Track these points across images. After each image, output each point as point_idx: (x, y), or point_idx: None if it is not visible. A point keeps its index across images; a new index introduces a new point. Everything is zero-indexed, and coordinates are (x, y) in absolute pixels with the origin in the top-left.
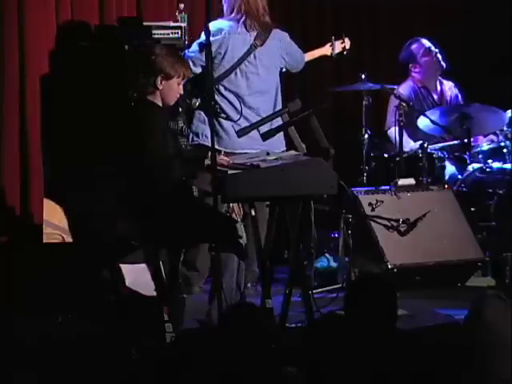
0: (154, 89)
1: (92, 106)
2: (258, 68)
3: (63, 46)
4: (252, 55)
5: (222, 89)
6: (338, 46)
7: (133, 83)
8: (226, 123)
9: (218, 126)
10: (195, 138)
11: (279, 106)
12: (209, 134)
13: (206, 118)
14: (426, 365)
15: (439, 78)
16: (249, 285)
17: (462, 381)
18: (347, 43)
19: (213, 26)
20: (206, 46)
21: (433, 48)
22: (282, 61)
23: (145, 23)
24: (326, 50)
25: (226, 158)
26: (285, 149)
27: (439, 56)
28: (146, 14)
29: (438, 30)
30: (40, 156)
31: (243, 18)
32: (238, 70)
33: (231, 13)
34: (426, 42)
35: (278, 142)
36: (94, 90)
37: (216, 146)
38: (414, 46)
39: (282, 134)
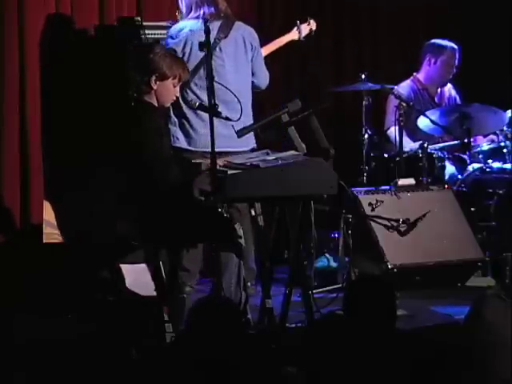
0: (148, 88)
1: (91, 105)
2: (223, 60)
3: (63, 46)
4: (217, 48)
5: (193, 86)
6: (305, 29)
7: (130, 82)
8: (195, 122)
9: (187, 125)
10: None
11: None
12: (179, 136)
13: (176, 119)
14: (426, 365)
15: None
16: (248, 284)
17: (462, 381)
18: (313, 25)
19: (173, 29)
20: (205, 46)
21: (456, 63)
22: (249, 48)
23: (145, 23)
24: (293, 35)
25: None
26: (255, 146)
27: (452, 73)
28: (145, 14)
29: (438, 30)
30: (40, 156)
31: (202, 13)
32: (206, 65)
33: (189, 12)
34: (456, 55)
35: (246, 140)
36: (94, 90)
37: (187, 147)
38: (449, 45)
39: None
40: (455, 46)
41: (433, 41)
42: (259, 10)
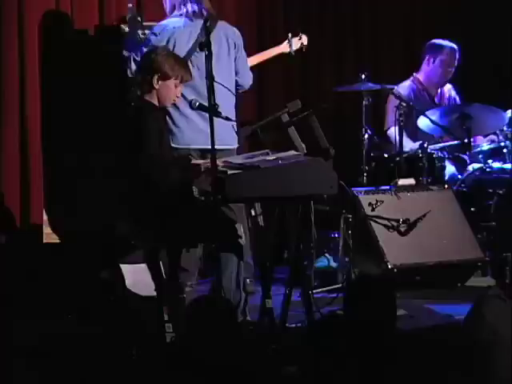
0: (150, 87)
1: (91, 105)
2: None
3: (63, 46)
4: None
5: None
6: (296, 43)
7: (132, 81)
8: (177, 119)
9: (170, 122)
10: None
11: (232, 99)
12: None
13: None
14: (426, 365)
15: None
16: (247, 280)
17: (462, 381)
18: (304, 40)
19: (157, 26)
20: (205, 46)
21: (456, 63)
22: (232, 47)
23: (145, 23)
24: (283, 48)
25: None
26: (237, 145)
27: (451, 73)
28: (145, 14)
29: (438, 29)
30: (40, 156)
31: (185, 12)
32: (189, 63)
33: (173, 10)
34: (456, 55)
35: (230, 138)
36: (94, 89)
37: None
38: (448, 45)
39: (233, 130)
40: (455, 46)
41: (433, 41)
42: (259, 12)
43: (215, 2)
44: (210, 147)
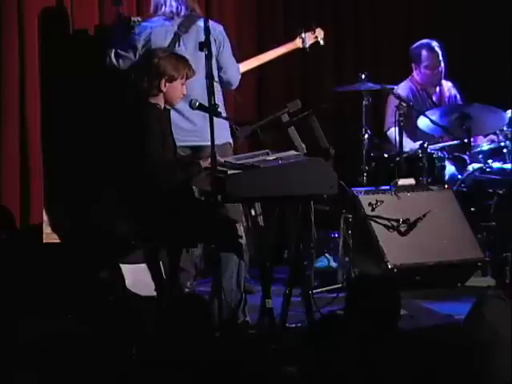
0: (158, 91)
1: (92, 105)
2: (184, 54)
3: (63, 46)
4: (177, 43)
5: None
6: (309, 38)
7: (136, 86)
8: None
9: None
10: None
11: (218, 94)
12: None
13: None
14: (426, 365)
15: None
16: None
17: (461, 381)
18: (320, 33)
19: (141, 26)
20: (205, 46)
21: (440, 58)
22: (213, 44)
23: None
24: (296, 44)
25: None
26: (225, 141)
27: (441, 70)
28: (145, 14)
29: (438, 29)
30: (40, 156)
31: (162, 12)
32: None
33: (156, 11)
34: (436, 56)
35: (208, 134)
36: (94, 89)
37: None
38: (424, 49)
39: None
40: (432, 44)
41: (412, 47)
42: (259, 13)
43: (215, 3)
44: (192, 144)
